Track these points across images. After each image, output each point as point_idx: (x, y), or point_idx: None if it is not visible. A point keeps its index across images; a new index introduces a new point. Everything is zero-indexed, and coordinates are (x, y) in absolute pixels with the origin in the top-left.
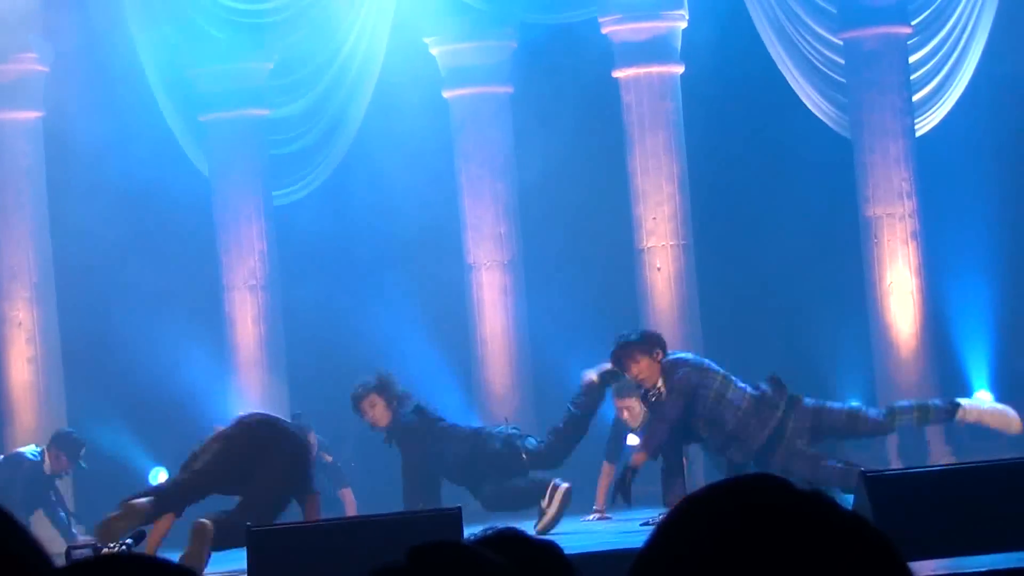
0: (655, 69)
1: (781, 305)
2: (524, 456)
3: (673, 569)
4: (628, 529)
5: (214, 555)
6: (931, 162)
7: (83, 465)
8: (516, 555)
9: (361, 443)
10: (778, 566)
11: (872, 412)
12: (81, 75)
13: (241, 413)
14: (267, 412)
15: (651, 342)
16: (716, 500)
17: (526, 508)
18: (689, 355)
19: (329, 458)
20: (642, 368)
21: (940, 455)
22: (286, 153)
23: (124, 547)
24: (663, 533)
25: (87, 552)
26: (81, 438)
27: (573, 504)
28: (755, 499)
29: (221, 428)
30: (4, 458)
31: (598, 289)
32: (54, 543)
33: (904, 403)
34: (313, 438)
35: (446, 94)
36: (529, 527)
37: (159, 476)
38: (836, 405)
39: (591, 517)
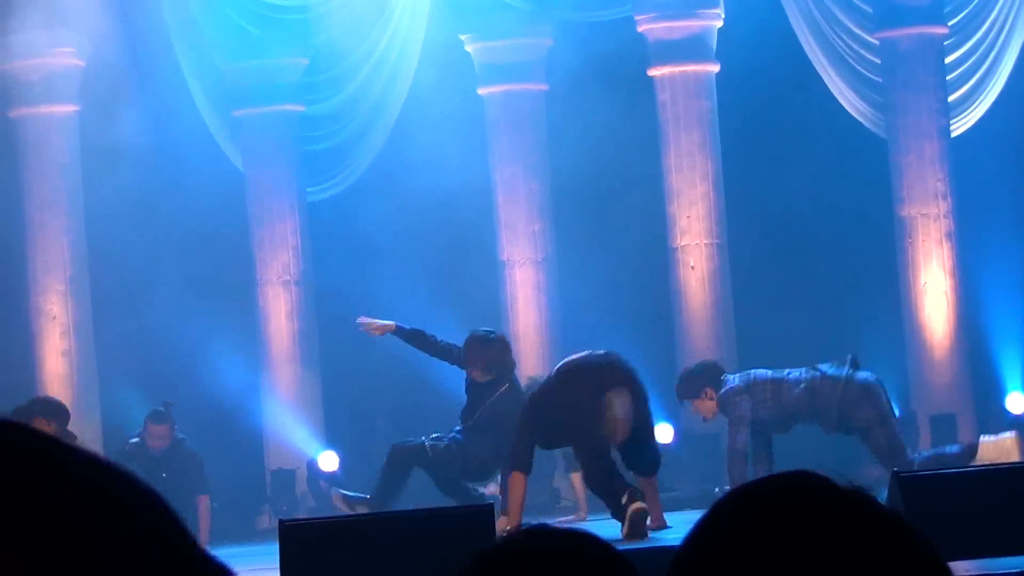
0: (690, 68)
1: (814, 305)
2: None
3: (713, 567)
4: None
5: (245, 551)
6: (966, 163)
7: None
8: (582, 555)
9: (392, 436)
10: (819, 565)
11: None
12: (117, 70)
13: None
14: None
15: (698, 385)
16: (755, 498)
17: None
18: (736, 378)
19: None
20: (698, 408)
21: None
22: (320, 149)
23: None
24: (703, 531)
25: None
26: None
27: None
28: (795, 497)
29: None
30: None
31: (631, 287)
32: None
33: (924, 453)
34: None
35: (481, 91)
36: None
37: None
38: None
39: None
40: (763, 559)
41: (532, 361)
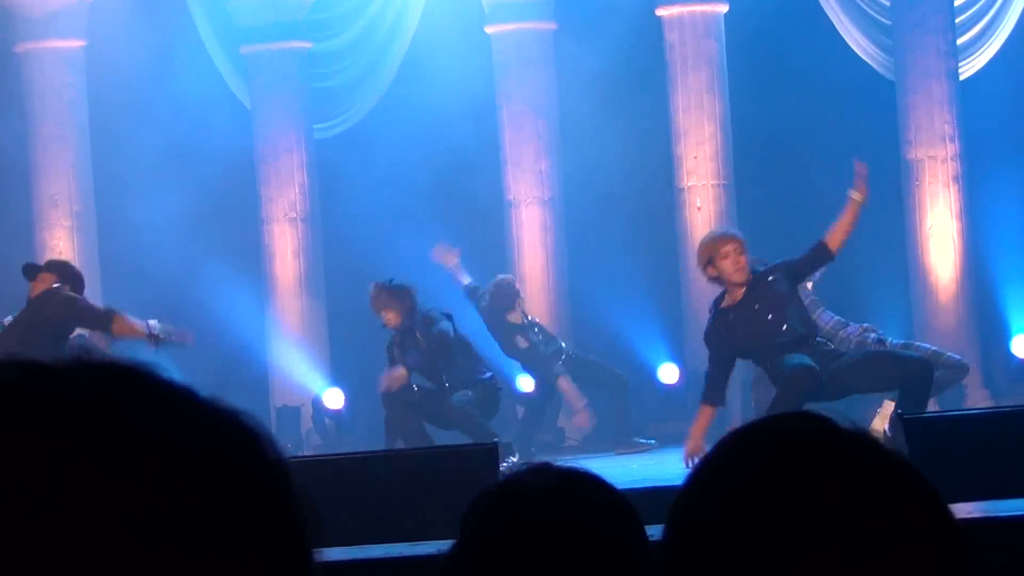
0: (698, 8)
1: None
2: None
3: (712, 509)
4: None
5: None
6: (974, 106)
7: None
8: (579, 490)
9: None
10: (820, 506)
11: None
12: (124, 4)
13: None
14: None
15: None
16: (757, 439)
17: None
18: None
19: None
20: None
21: (978, 399)
22: (328, 87)
23: None
24: (702, 472)
25: None
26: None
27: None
28: (797, 437)
29: None
30: None
31: (638, 227)
32: None
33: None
34: None
35: (488, 30)
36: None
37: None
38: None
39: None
40: (763, 500)
41: (539, 300)
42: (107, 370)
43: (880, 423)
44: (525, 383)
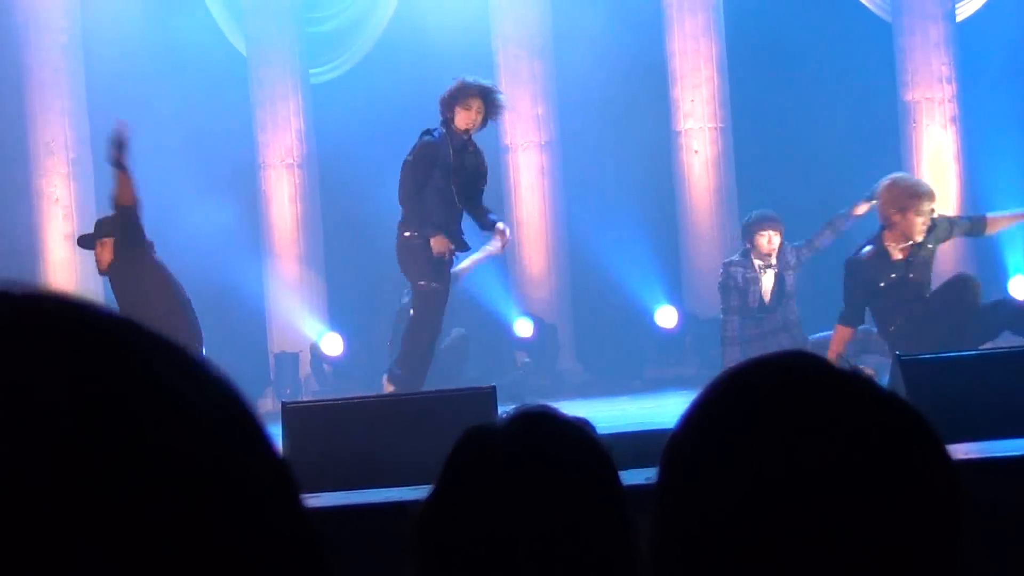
0: None
1: (819, 190)
2: None
3: (707, 448)
4: (661, 410)
5: None
6: (971, 48)
7: None
8: (546, 432)
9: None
10: (816, 444)
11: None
12: None
13: None
14: None
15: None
16: (751, 378)
17: None
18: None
19: None
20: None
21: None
22: (323, 31)
23: None
24: (697, 412)
25: None
26: None
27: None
28: (790, 376)
29: None
30: None
31: (635, 171)
32: None
33: None
34: None
35: None
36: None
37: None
38: None
39: None
40: (758, 439)
41: (537, 245)
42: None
43: None
44: (523, 328)
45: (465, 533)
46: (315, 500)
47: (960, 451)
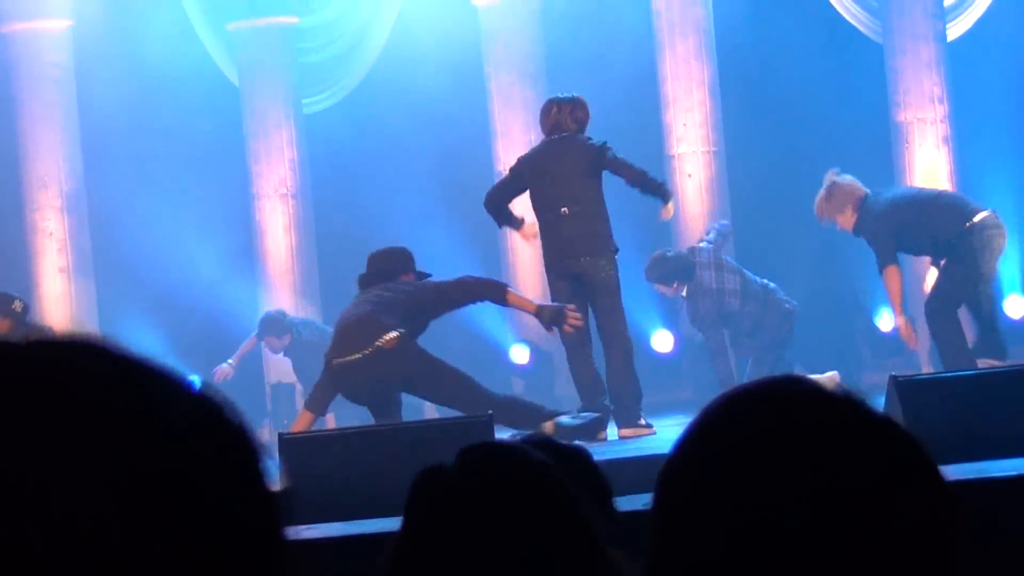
0: None
1: (812, 212)
2: None
3: (701, 474)
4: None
5: None
6: (962, 68)
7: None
8: (494, 469)
9: None
10: (810, 469)
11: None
12: None
13: None
14: None
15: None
16: (745, 403)
17: None
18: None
19: None
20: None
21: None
22: (315, 61)
23: None
24: (691, 437)
25: None
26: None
27: None
28: (784, 401)
29: None
30: None
31: (629, 195)
32: None
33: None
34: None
35: (475, 1)
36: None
37: None
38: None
39: None
40: (752, 464)
41: (532, 269)
42: (65, 346)
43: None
44: (519, 354)
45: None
46: (314, 531)
47: (959, 472)
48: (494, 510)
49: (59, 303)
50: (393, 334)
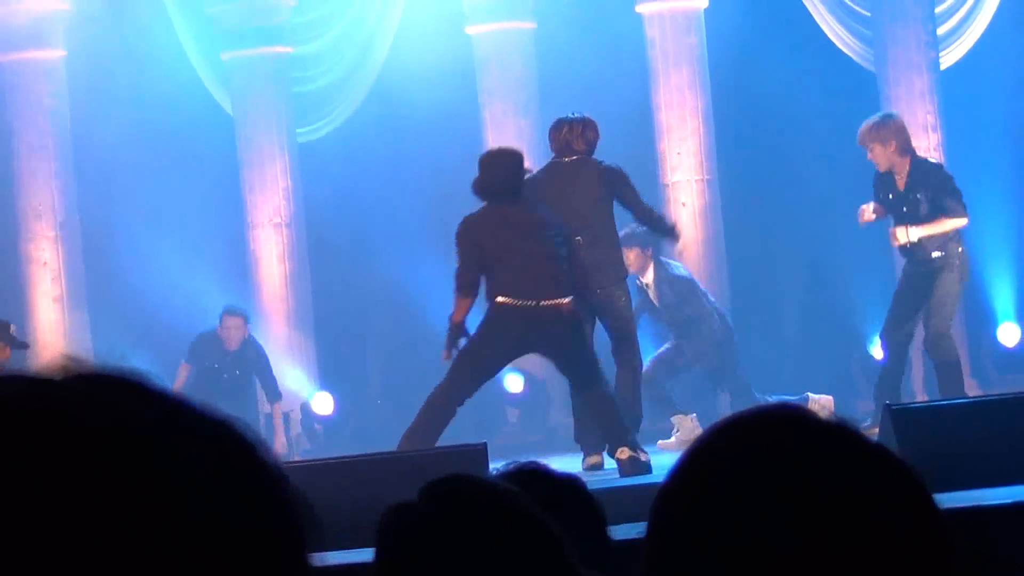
0: (679, 4)
1: (806, 240)
2: None
3: (696, 502)
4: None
5: None
6: (955, 96)
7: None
8: (537, 489)
9: (386, 378)
10: (804, 498)
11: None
12: (103, 13)
13: None
14: None
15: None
16: (740, 431)
17: None
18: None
19: None
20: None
21: (966, 387)
22: (309, 90)
23: None
24: (686, 465)
25: None
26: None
27: None
28: (778, 429)
29: None
30: None
31: (624, 224)
32: None
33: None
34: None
35: (469, 30)
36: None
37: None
38: None
39: None
40: (747, 493)
41: None
42: (100, 380)
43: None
44: (513, 383)
45: None
46: (315, 560)
47: (954, 500)
48: (461, 541)
49: (53, 332)
50: None
